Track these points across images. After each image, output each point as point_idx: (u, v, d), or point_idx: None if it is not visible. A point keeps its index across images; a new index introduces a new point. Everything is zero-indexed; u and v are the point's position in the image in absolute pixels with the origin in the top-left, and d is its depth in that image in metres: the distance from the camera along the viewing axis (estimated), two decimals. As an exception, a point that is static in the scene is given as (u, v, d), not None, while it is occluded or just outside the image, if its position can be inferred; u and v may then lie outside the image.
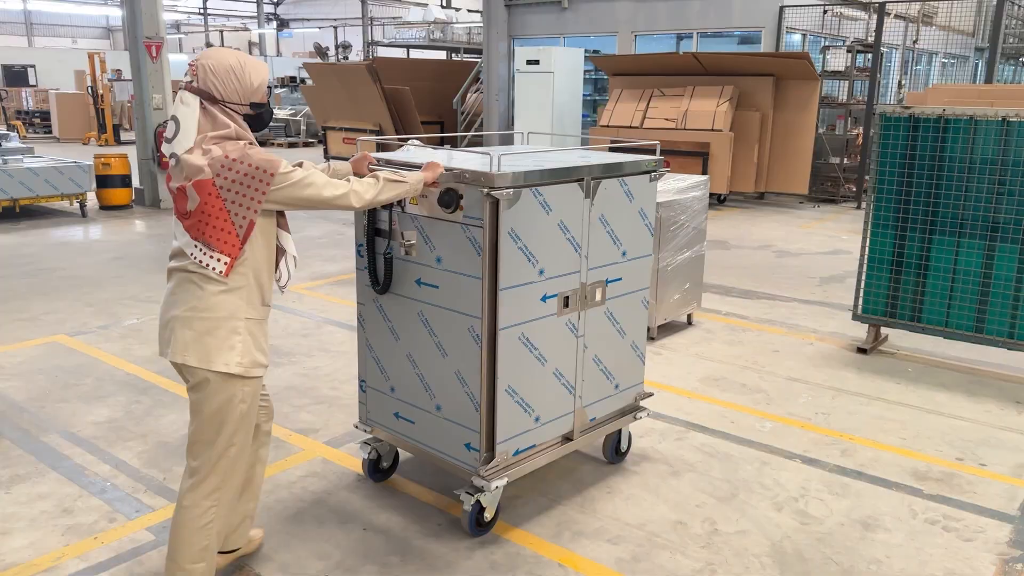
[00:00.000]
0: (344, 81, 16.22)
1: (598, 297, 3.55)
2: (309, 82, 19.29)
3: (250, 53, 41.60)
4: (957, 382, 5.21)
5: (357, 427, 3.78)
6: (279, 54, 42.17)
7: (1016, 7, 17.67)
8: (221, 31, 37.84)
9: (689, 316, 6.27)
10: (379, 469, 3.80)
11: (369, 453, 3.77)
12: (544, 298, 3.29)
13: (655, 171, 3.69)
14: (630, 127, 12.35)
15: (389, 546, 3.30)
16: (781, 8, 13.33)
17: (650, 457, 4.10)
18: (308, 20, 39.92)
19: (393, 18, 31.74)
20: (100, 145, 20.43)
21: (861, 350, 5.74)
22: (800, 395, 4.95)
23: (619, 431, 3.96)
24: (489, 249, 3.04)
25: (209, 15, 40.00)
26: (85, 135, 21.77)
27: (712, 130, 11.65)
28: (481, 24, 17.88)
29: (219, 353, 2.60)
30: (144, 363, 5.32)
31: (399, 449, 3.80)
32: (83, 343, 5.71)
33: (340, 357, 5.48)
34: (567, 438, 3.60)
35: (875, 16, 12.68)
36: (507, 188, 3.00)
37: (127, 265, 8.06)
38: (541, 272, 3.25)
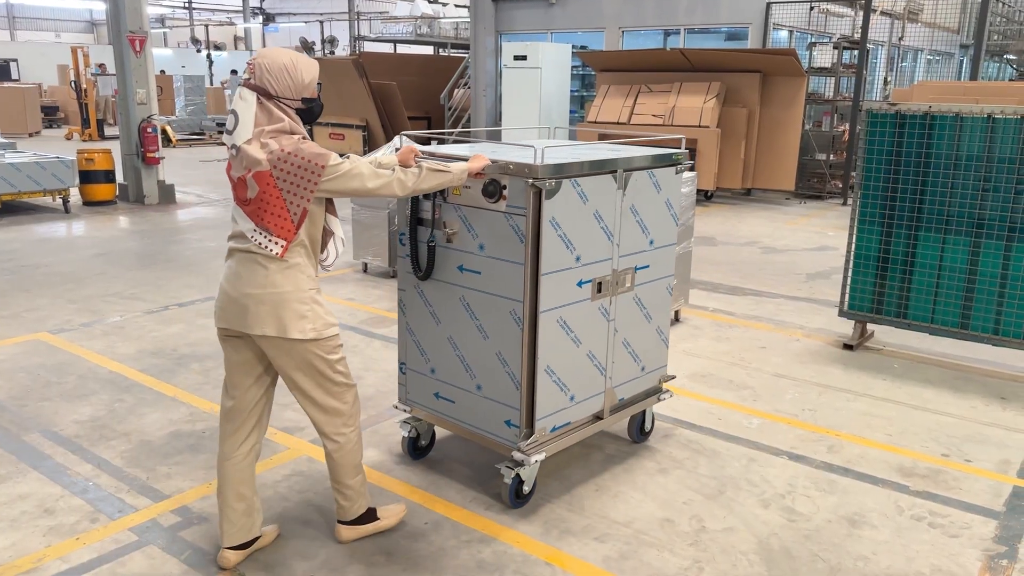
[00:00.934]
0: (330, 76, 16.10)
1: (628, 283, 3.75)
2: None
3: (235, 48, 41.39)
4: (943, 378, 5.23)
5: (396, 407, 3.94)
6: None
7: (1001, 4, 17.78)
8: (206, 25, 37.49)
9: (676, 313, 6.27)
10: (418, 447, 3.99)
11: (409, 432, 3.95)
12: (580, 283, 3.48)
13: (681, 164, 3.88)
14: (617, 123, 12.34)
15: (375, 545, 3.28)
16: (768, 4, 13.36)
17: (637, 454, 4.09)
18: (294, 14, 39.66)
19: (380, 13, 31.59)
20: (84, 140, 20.23)
21: (847, 346, 5.76)
22: (787, 391, 4.96)
23: (643, 412, 4.15)
24: (531, 237, 3.22)
25: (194, 9, 39.69)
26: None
27: (699, 126, 11.65)
28: (468, 19, 17.81)
29: (293, 323, 2.87)
30: (127, 361, 5.27)
31: (436, 428, 4.02)
32: (65, 341, 5.65)
33: (326, 354, 5.44)
34: (597, 417, 3.80)
35: (861, 13, 12.72)
36: (550, 179, 3.19)
37: (110, 262, 7.98)
38: (578, 259, 3.43)
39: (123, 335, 5.78)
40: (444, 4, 27.91)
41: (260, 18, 39.10)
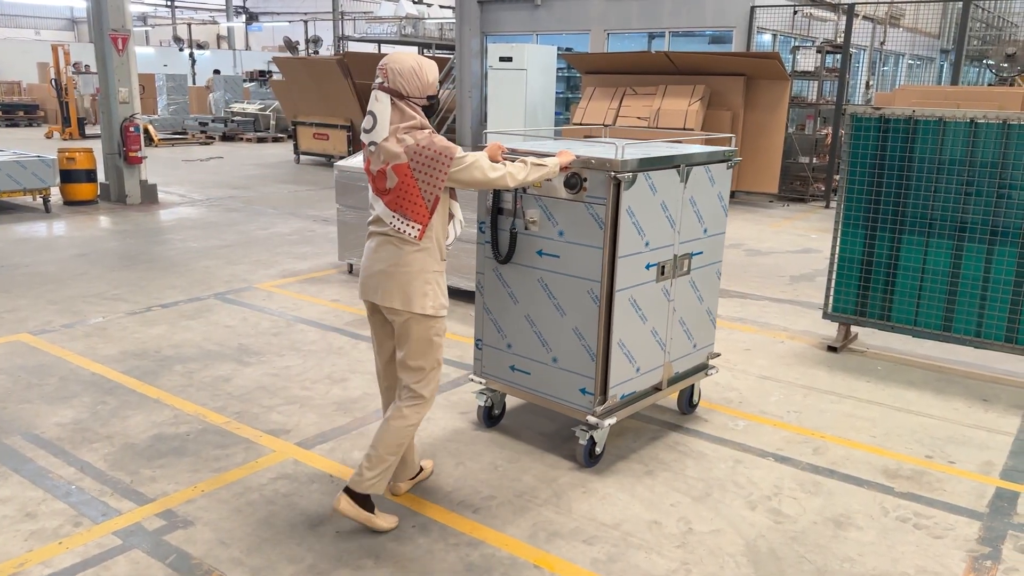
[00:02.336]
0: (314, 76, 16.05)
1: (686, 267, 4.15)
2: (278, 76, 19.09)
3: (218, 47, 41.10)
4: (926, 380, 5.28)
5: (472, 379, 4.29)
6: (248, 48, 41.67)
7: (980, 10, 17.98)
8: (189, 24, 37.19)
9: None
10: (491, 416, 4.37)
11: (485, 402, 4.31)
12: (648, 266, 3.88)
13: (731, 160, 4.27)
14: (603, 125, 12.35)
15: (363, 549, 3.26)
16: (752, 8, 13.43)
17: (625, 456, 4.09)
18: (278, 14, 39.46)
19: (364, 13, 31.47)
20: (64, 139, 20.01)
21: (832, 348, 5.80)
22: (772, 393, 4.98)
23: (692, 386, 4.54)
24: (610, 224, 3.61)
25: (176, 7, 39.40)
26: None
27: (684, 129, 11.69)
28: (453, 20, 17.79)
29: (416, 299, 3.22)
30: (110, 362, 5.21)
31: (507, 398, 4.42)
32: (46, 342, 5.58)
33: (311, 356, 5.41)
34: (656, 388, 4.20)
35: (844, 17, 12.82)
36: (629, 172, 3.57)
37: (92, 262, 7.90)
38: (647, 244, 3.83)
39: (105, 336, 5.72)
40: (429, 5, 27.85)
41: (243, 17, 38.87)
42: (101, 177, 11.46)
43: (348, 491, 3.32)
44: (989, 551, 3.36)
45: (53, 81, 20.64)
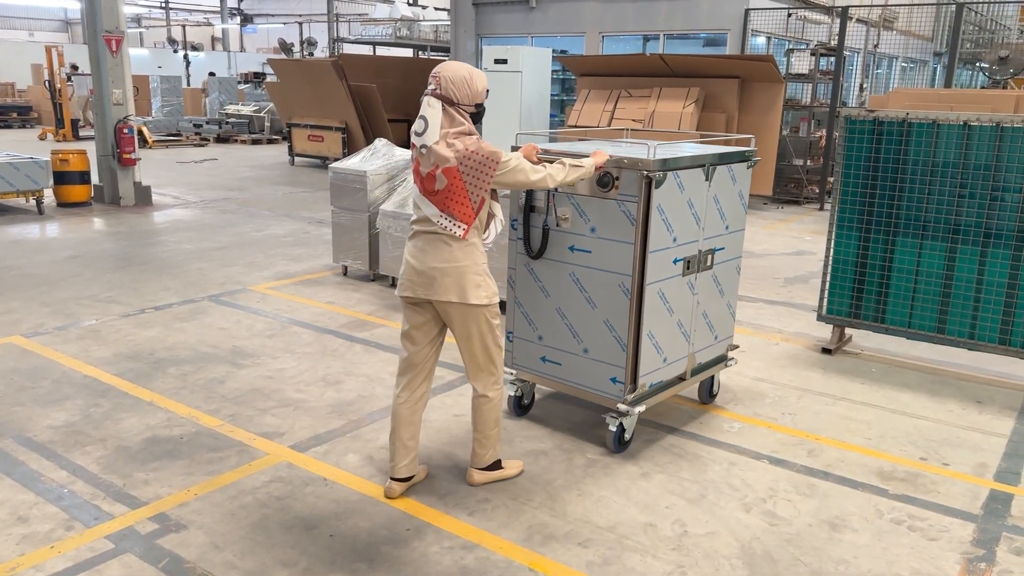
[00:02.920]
0: (309, 78, 16.02)
1: (709, 262, 4.33)
2: (273, 78, 19.06)
3: (212, 48, 41.02)
4: (920, 382, 5.29)
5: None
6: (243, 50, 41.60)
7: (973, 13, 18.05)
8: (183, 25, 37.12)
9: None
10: (521, 405, 4.55)
11: (516, 391, 4.49)
12: (675, 261, 4.06)
13: (751, 160, 4.48)
14: (598, 127, 12.36)
15: (357, 552, 3.25)
16: (747, 11, 13.46)
17: (619, 459, 4.09)
18: (272, 16, 39.43)
19: (359, 15, 31.48)
20: (58, 141, 19.94)
21: (826, 350, 5.80)
22: (766, 395, 4.98)
23: (712, 376, 4.75)
24: (641, 220, 3.80)
25: (171, 9, 39.32)
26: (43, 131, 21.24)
27: (678, 131, 11.70)
28: (448, 22, 17.79)
29: (471, 291, 3.44)
30: (103, 365, 5.19)
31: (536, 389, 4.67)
32: (39, 344, 5.56)
33: (306, 359, 5.40)
34: (680, 378, 4.38)
35: (838, 20, 12.86)
36: (660, 171, 3.76)
37: (85, 264, 7.87)
38: (675, 240, 4.01)
39: (98, 339, 5.70)
40: (424, 7, 27.86)
41: (238, 19, 38.83)
42: (95, 179, 11.42)
43: (475, 467, 3.76)
44: (983, 553, 3.36)
45: (47, 83, 20.57)
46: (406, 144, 15.72)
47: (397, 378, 3.68)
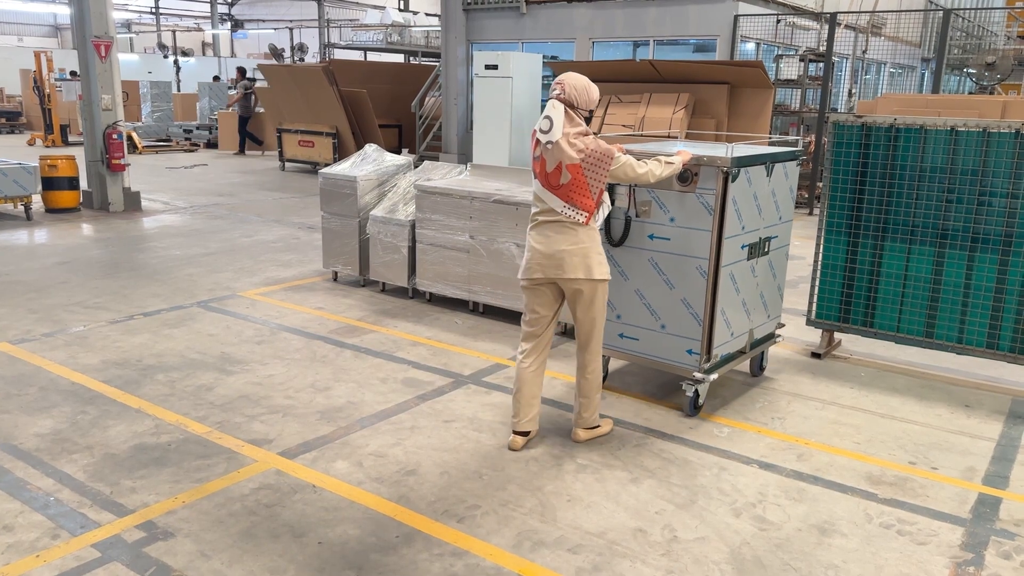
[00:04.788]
0: (300, 83, 16.00)
1: (767, 248, 4.94)
2: (263, 84, 19.01)
3: (203, 54, 40.91)
4: (909, 386, 5.30)
5: None
6: (233, 55, 41.50)
7: (961, 20, 18.18)
8: (174, 31, 37.00)
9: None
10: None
11: None
12: (742, 247, 4.65)
13: (800, 158, 5.10)
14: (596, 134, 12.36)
15: (345, 560, 3.23)
16: (736, 17, 13.51)
17: (610, 464, 4.08)
18: (263, 21, 39.35)
19: (350, 20, 31.46)
20: (47, 146, 19.85)
21: (815, 355, 5.82)
22: (756, 400, 4.99)
23: (763, 352, 5.33)
24: (718, 211, 4.37)
25: (161, 14, 39.18)
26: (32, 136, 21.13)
27: (668, 137, 11.73)
28: (439, 28, 17.80)
29: (595, 268, 4.00)
30: (91, 372, 5.16)
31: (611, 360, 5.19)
32: (26, 351, 5.52)
33: (295, 365, 5.37)
34: (741, 351, 4.94)
35: (826, 26, 12.93)
36: (735, 168, 4.34)
37: (73, 270, 7.82)
38: (743, 228, 4.60)
39: (86, 345, 5.66)
40: (415, 12, 27.86)
41: (228, 24, 38.74)
42: (84, 184, 11.36)
43: (580, 427, 4.26)
44: (972, 557, 3.37)
45: (35, 88, 20.47)
46: (397, 150, 15.61)
47: (520, 345, 4.23)
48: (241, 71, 20.38)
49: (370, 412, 4.64)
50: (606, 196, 4.10)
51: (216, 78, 27.21)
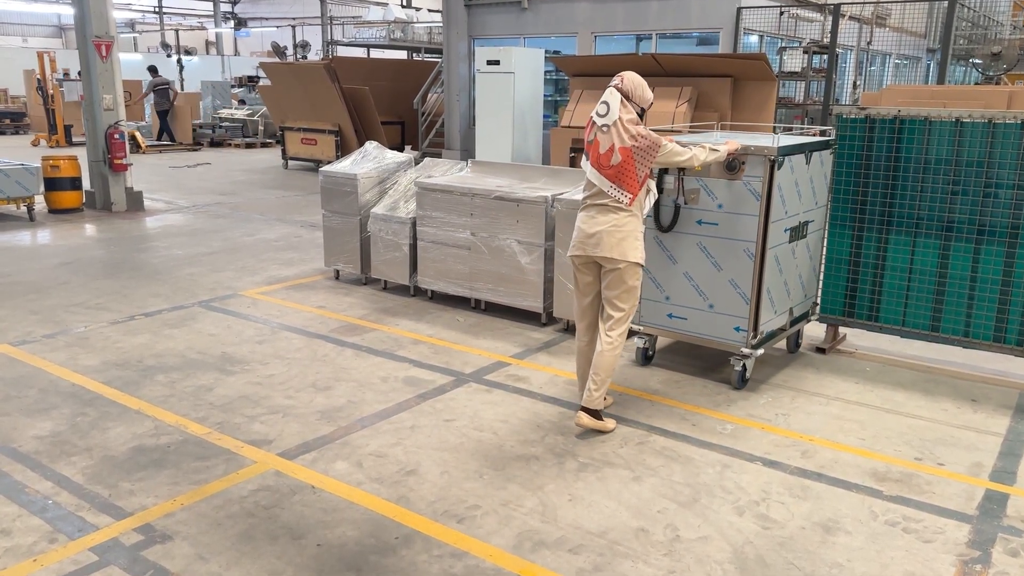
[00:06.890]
0: (302, 81, 15.97)
1: (805, 232, 5.25)
2: (266, 82, 18.99)
3: (207, 53, 40.92)
4: (914, 381, 5.25)
5: (631, 327, 4.67)
6: (236, 53, 41.51)
7: (966, 10, 18.04)
8: (177, 30, 36.97)
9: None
10: (647, 356, 5.42)
11: (643, 344, 5.36)
12: (785, 230, 4.96)
13: (834, 147, 5.37)
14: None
15: (344, 562, 3.20)
16: (739, 9, 13.43)
17: (612, 462, 4.05)
18: (266, 19, 39.32)
19: (353, 17, 31.40)
20: (51, 147, 19.87)
21: (820, 350, 5.76)
22: (760, 396, 4.95)
23: (799, 330, 5.66)
24: (764, 197, 4.66)
25: (165, 14, 39.19)
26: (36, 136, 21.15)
27: (671, 130, 11.66)
28: (441, 24, 17.75)
29: (631, 251, 4.21)
30: (91, 373, 5.14)
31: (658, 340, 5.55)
32: (27, 353, 5.51)
33: (295, 364, 5.35)
34: (782, 328, 5.29)
35: (830, 18, 12.83)
36: (781, 156, 4.65)
37: (75, 271, 7.81)
38: (786, 213, 4.91)
39: (87, 346, 5.64)
40: (417, 9, 27.81)
41: (231, 23, 38.74)
42: (86, 185, 11.36)
43: (585, 409, 4.30)
44: (979, 554, 3.33)
45: (39, 88, 20.48)
46: (400, 146, 15.58)
47: (577, 325, 4.54)
48: (152, 69, 21.21)
49: (370, 411, 4.61)
50: (652, 184, 4.35)
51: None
